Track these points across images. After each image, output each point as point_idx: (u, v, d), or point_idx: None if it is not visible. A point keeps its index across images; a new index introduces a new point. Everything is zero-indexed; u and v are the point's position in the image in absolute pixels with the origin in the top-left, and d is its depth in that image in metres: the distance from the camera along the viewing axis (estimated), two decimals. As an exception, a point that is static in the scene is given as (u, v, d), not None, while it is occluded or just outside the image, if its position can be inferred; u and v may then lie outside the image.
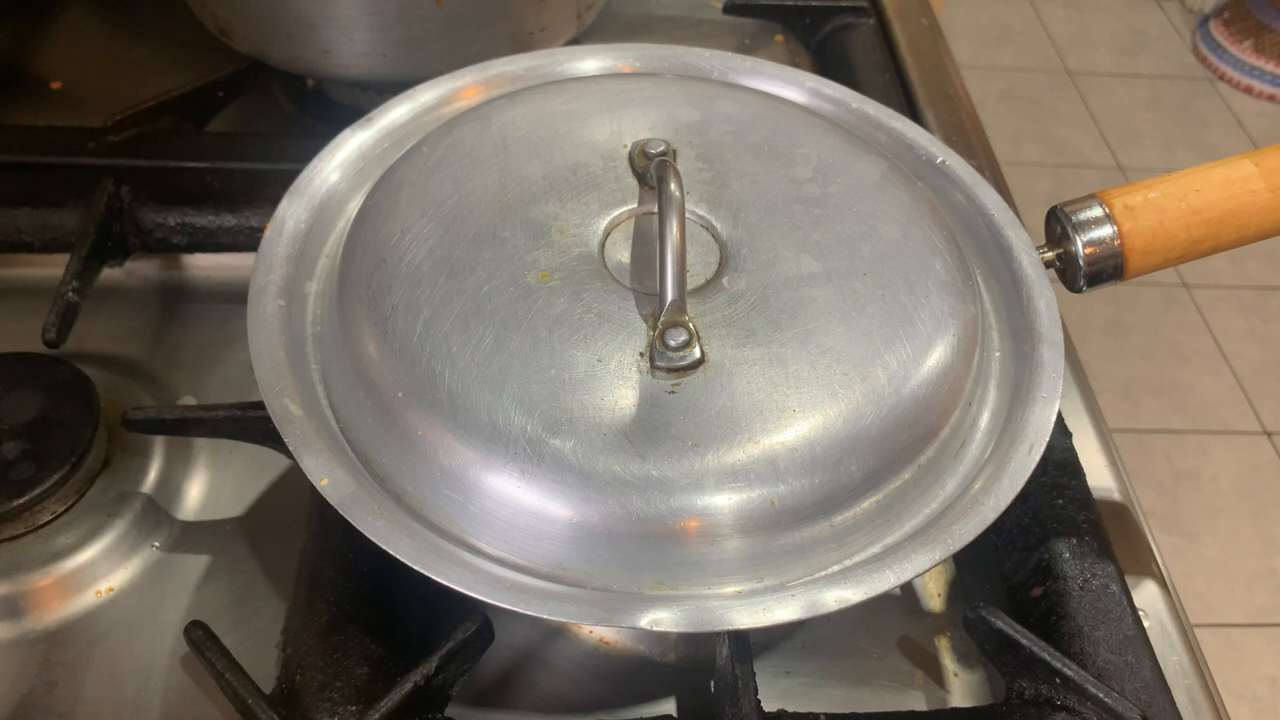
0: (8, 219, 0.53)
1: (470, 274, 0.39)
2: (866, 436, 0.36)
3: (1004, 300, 0.44)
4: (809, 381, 0.37)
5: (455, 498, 0.36)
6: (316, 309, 0.43)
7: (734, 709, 0.37)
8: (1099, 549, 0.43)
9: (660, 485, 0.35)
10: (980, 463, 0.39)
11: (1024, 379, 0.41)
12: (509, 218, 0.41)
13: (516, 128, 0.44)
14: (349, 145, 0.47)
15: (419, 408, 0.36)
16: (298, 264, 0.43)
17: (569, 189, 0.42)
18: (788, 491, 0.35)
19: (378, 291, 0.39)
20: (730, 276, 0.40)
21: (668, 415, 0.36)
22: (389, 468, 0.37)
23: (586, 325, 0.38)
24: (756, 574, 0.36)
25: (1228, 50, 2.22)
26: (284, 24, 0.59)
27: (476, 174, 0.42)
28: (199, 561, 0.45)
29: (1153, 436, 1.59)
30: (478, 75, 0.50)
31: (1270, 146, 0.44)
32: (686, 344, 0.36)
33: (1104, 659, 0.40)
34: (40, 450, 0.44)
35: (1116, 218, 0.43)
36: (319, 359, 0.41)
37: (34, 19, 0.72)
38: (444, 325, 0.37)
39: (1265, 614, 1.40)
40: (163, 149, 0.57)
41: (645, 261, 0.40)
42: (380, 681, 0.38)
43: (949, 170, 0.48)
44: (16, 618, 0.42)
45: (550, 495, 0.35)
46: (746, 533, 0.35)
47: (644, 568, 0.35)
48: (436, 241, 0.40)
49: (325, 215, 0.45)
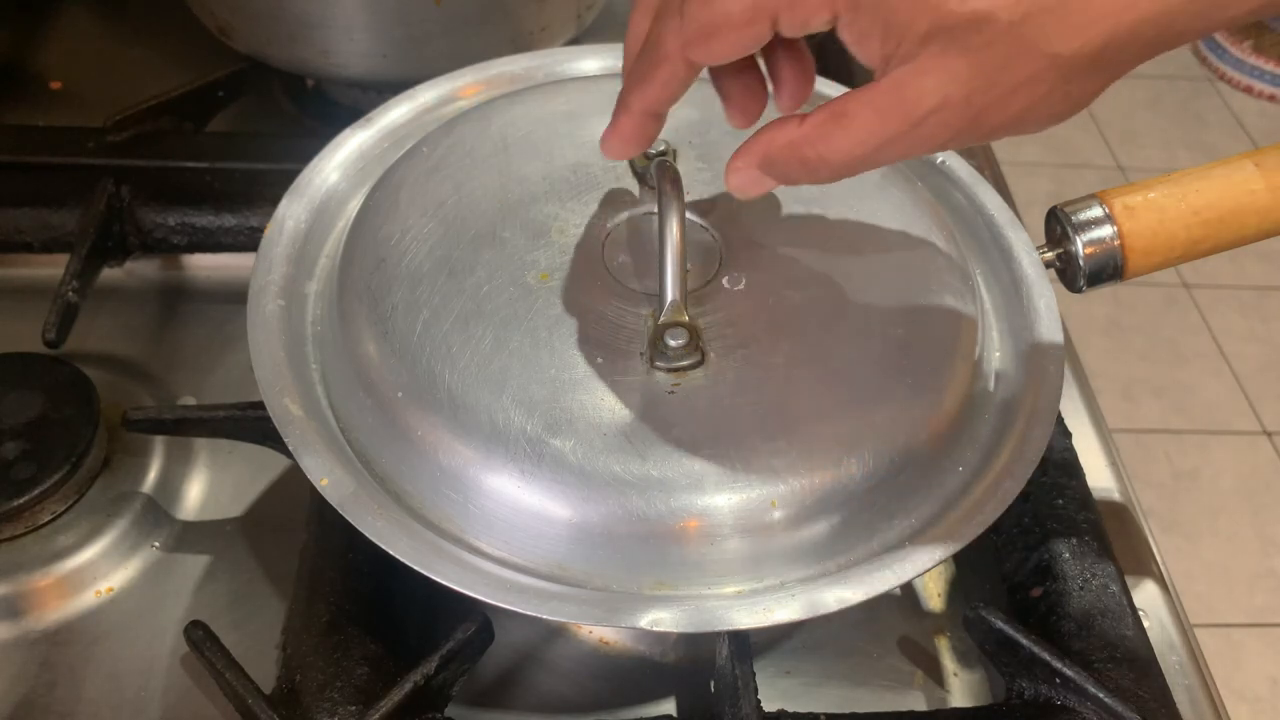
0: (8, 219, 0.53)
1: (470, 274, 0.39)
2: (865, 437, 0.36)
3: (1004, 300, 0.44)
4: (808, 382, 0.37)
5: (455, 498, 0.36)
6: (316, 309, 0.43)
7: (734, 709, 0.37)
8: (1099, 549, 0.43)
9: (660, 485, 0.35)
10: (981, 463, 0.39)
11: (1023, 379, 0.41)
12: (509, 218, 0.41)
13: (517, 128, 0.44)
14: (349, 145, 0.47)
15: (419, 408, 0.36)
16: (298, 264, 0.43)
17: (569, 189, 0.42)
18: (787, 492, 0.35)
19: (378, 291, 0.39)
20: (730, 277, 0.40)
21: (668, 415, 0.36)
22: (389, 468, 0.37)
23: (587, 325, 0.38)
24: (756, 574, 0.36)
25: (1228, 50, 2.22)
26: (284, 24, 0.59)
27: (477, 174, 0.42)
28: (199, 561, 0.45)
29: (1153, 436, 1.59)
30: (478, 75, 0.50)
31: (1270, 146, 0.44)
32: (686, 344, 0.36)
33: (1104, 659, 0.40)
34: (40, 450, 0.44)
35: (1116, 218, 0.43)
36: (319, 359, 0.41)
37: (34, 19, 0.72)
38: (444, 325, 0.37)
39: (1265, 614, 1.40)
40: (163, 149, 0.57)
41: (645, 262, 0.40)
42: (380, 681, 0.38)
43: (949, 170, 0.48)
44: (16, 618, 0.42)
45: (550, 495, 0.35)
46: (746, 533, 0.35)
47: (644, 568, 0.35)
48: (436, 241, 0.40)
49: (325, 215, 0.45)
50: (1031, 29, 0.25)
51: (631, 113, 0.33)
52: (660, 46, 0.30)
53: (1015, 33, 0.25)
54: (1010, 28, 0.25)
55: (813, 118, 0.30)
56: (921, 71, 0.27)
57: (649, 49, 0.31)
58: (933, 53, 0.26)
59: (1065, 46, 0.25)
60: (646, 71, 0.32)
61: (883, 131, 0.28)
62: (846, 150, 0.29)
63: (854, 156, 0.29)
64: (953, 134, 0.28)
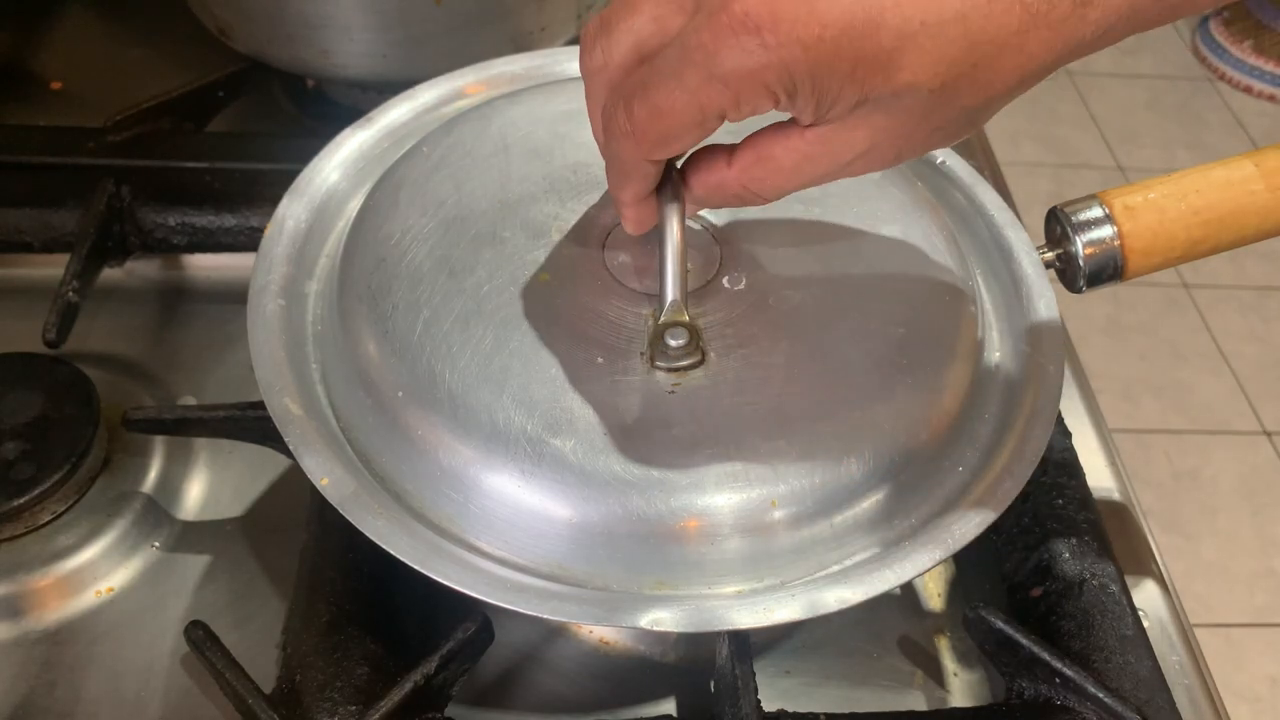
0: (8, 219, 0.53)
1: (471, 274, 0.39)
2: (865, 437, 0.36)
3: (1004, 300, 0.44)
4: (808, 381, 0.37)
5: (455, 497, 0.36)
6: (317, 308, 0.43)
7: (734, 709, 0.37)
8: (1099, 549, 0.43)
9: (660, 485, 0.35)
10: (981, 462, 0.39)
11: (1023, 379, 0.41)
12: (509, 217, 0.41)
13: (517, 127, 0.44)
14: (349, 145, 0.47)
15: (419, 407, 0.36)
16: (298, 264, 0.43)
17: (569, 189, 0.42)
18: (787, 492, 0.35)
19: (378, 291, 0.39)
20: (730, 277, 0.40)
21: (668, 415, 0.36)
22: (389, 467, 0.37)
23: (587, 325, 0.38)
24: (756, 574, 0.36)
25: (1228, 50, 2.22)
26: (284, 24, 0.59)
27: (477, 174, 0.42)
28: (199, 561, 0.45)
29: (1153, 436, 1.59)
30: (478, 75, 0.50)
31: (1270, 147, 0.44)
32: (687, 344, 0.36)
33: (1103, 659, 0.40)
34: (40, 450, 0.44)
35: (1116, 218, 0.43)
36: (319, 358, 0.41)
37: (34, 19, 0.72)
38: (444, 325, 0.37)
39: (1265, 614, 1.40)
40: (163, 149, 0.57)
41: (646, 262, 0.40)
42: (380, 681, 0.38)
43: (948, 170, 0.48)
44: (16, 618, 0.42)
45: (550, 495, 0.35)
46: (746, 533, 0.35)
47: (644, 567, 0.35)
48: (437, 241, 0.40)
49: (325, 215, 0.45)
50: (947, 93, 0.28)
51: (628, 205, 0.35)
52: (621, 156, 0.32)
53: (933, 97, 0.28)
54: (930, 94, 0.28)
55: (739, 160, 0.32)
56: (850, 128, 0.30)
57: (613, 162, 0.33)
58: (861, 114, 0.29)
59: (975, 100, 0.29)
60: (620, 175, 0.34)
61: (811, 172, 0.31)
62: (777, 186, 0.32)
63: (784, 189, 0.32)
64: (878, 167, 0.32)
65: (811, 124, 0.30)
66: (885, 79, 0.28)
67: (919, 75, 0.28)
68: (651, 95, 0.30)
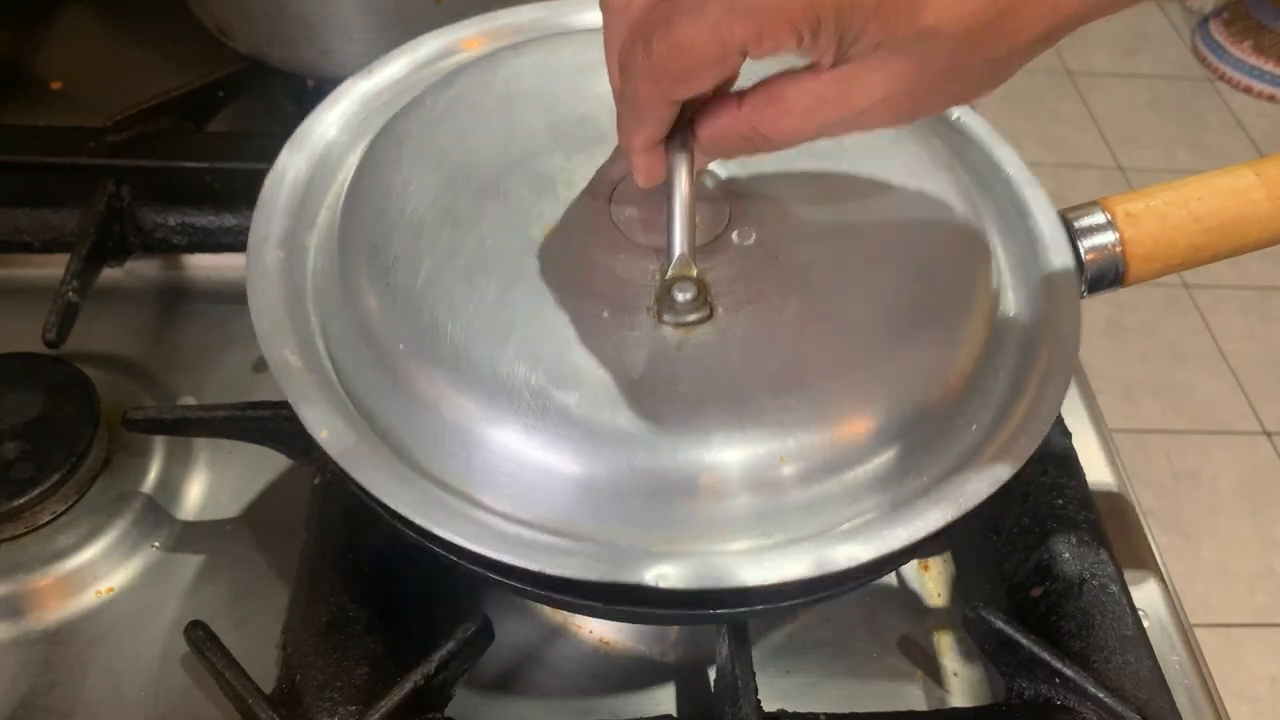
0: (8, 219, 0.53)
1: (474, 226, 0.38)
2: (876, 393, 0.36)
3: (1019, 257, 0.43)
4: (818, 337, 0.36)
5: (458, 452, 0.35)
6: (317, 261, 0.41)
7: (734, 709, 0.37)
8: (1099, 549, 0.43)
9: (667, 440, 0.34)
10: (995, 420, 0.38)
11: (1038, 337, 0.40)
12: (514, 170, 0.40)
13: (521, 79, 0.43)
14: (349, 96, 0.46)
15: (421, 360, 0.36)
16: (298, 216, 0.42)
17: (575, 142, 0.41)
18: (796, 447, 0.34)
19: (379, 243, 0.38)
20: (740, 231, 0.38)
21: (675, 370, 0.35)
22: (391, 422, 0.36)
23: (593, 279, 0.37)
24: (765, 531, 0.35)
25: (1228, 50, 2.22)
26: (284, 24, 0.59)
27: (480, 126, 0.41)
28: (199, 561, 0.45)
29: (1153, 436, 1.59)
30: (480, 27, 0.49)
31: (1271, 155, 0.44)
32: (694, 298, 0.35)
33: (1103, 659, 0.40)
34: (40, 450, 0.44)
35: (1118, 225, 0.43)
36: (319, 311, 0.40)
37: (34, 19, 0.72)
38: (447, 277, 0.37)
39: (1265, 614, 1.40)
40: (163, 149, 0.57)
41: (653, 216, 0.38)
42: (380, 681, 0.38)
43: (965, 127, 0.47)
44: (16, 618, 0.42)
45: (555, 449, 0.34)
46: (755, 489, 0.34)
47: (651, 523, 0.34)
48: (439, 193, 0.39)
49: (326, 167, 0.44)
50: (971, 40, 0.28)
51: (639, 152, 0.34)
52: (639, 96, 0.32)
53: (956, 43, 0.28)
54: (953, 39, 0.28)
55: (750, 101, 0.31)
56: (869, 70, 0.29)
57: (628, 98, 0.32)
58: (881, 56, 0.28)
59: (999, 51, 0.29)
60: (635, 118, 0.33)
61: (825, 116, 0.30)
62: (789, 129, 0.31)
63: (796, 135, 0.31)
64: (892, 120, 0.31)
65: (827, 64, 0.29)
66: (910, 19, 0.27)
67: (943, 19, 0.27)
68: (673, 30, 0.29)
